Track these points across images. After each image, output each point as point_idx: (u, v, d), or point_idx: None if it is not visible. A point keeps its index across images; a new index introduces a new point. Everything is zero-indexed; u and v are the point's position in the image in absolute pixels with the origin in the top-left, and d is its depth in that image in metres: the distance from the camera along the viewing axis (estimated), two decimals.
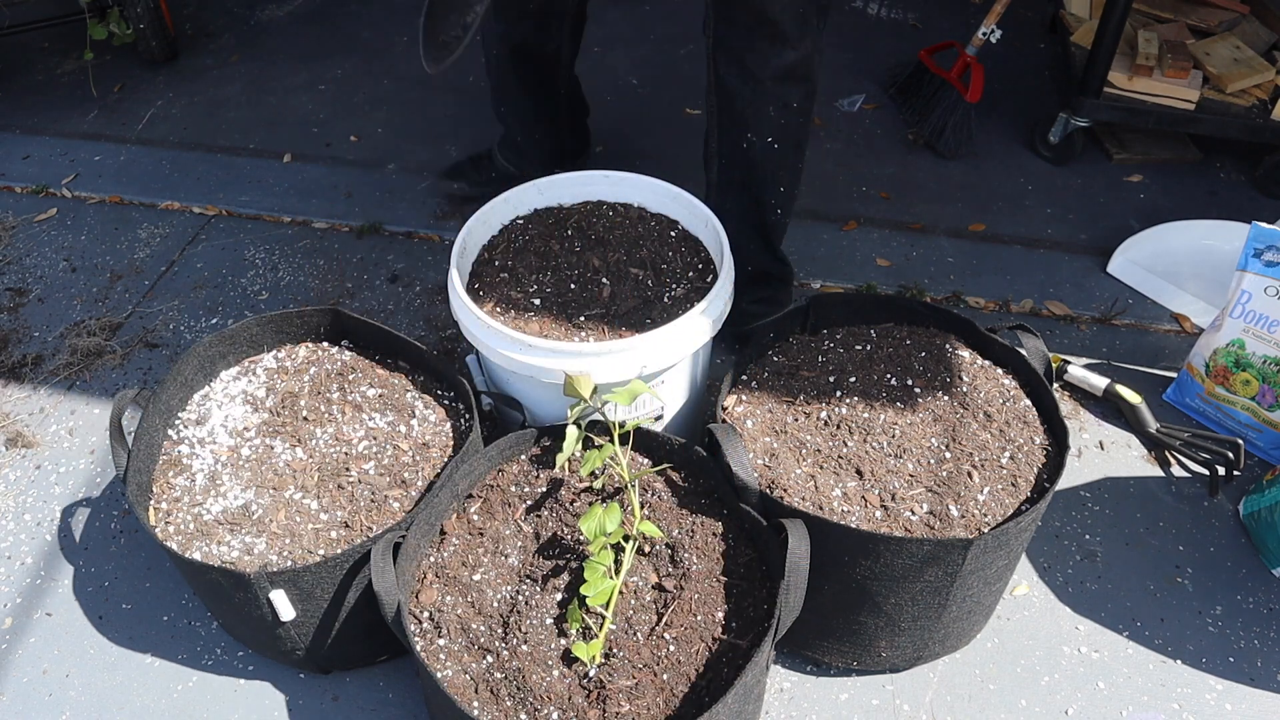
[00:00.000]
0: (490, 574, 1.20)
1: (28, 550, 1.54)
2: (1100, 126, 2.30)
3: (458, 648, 1.14)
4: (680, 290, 1.44)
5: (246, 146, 2.39)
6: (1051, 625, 1.41)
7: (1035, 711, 1.31)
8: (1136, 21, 2.23)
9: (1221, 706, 1.31)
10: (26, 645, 1.42)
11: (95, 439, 1.70)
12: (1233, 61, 2.11)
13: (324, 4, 2.98)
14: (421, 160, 2.32)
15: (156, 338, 1.89)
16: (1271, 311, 1.50)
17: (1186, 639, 1.39)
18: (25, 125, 2.49)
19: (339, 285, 1.99)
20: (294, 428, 1.38)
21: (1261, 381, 1.55)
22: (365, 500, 1.29)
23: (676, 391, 1.42)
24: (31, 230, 2.17)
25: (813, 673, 1.36)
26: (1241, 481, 1.58)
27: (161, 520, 1.29)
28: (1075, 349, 1.82)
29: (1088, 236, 2.06)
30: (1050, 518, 1.54)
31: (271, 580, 1.17)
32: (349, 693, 1.35)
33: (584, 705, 1.08)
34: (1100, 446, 1.64)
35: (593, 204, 1.59)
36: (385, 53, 2.73)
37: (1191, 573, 1.47)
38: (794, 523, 1.12)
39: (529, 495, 1.27)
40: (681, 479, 1.28)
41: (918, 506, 1.21)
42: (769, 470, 1.25)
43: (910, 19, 2.79)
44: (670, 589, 1.16)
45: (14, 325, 1.93)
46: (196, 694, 1.36)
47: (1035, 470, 1.24)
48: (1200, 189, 2.19)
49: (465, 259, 1.47)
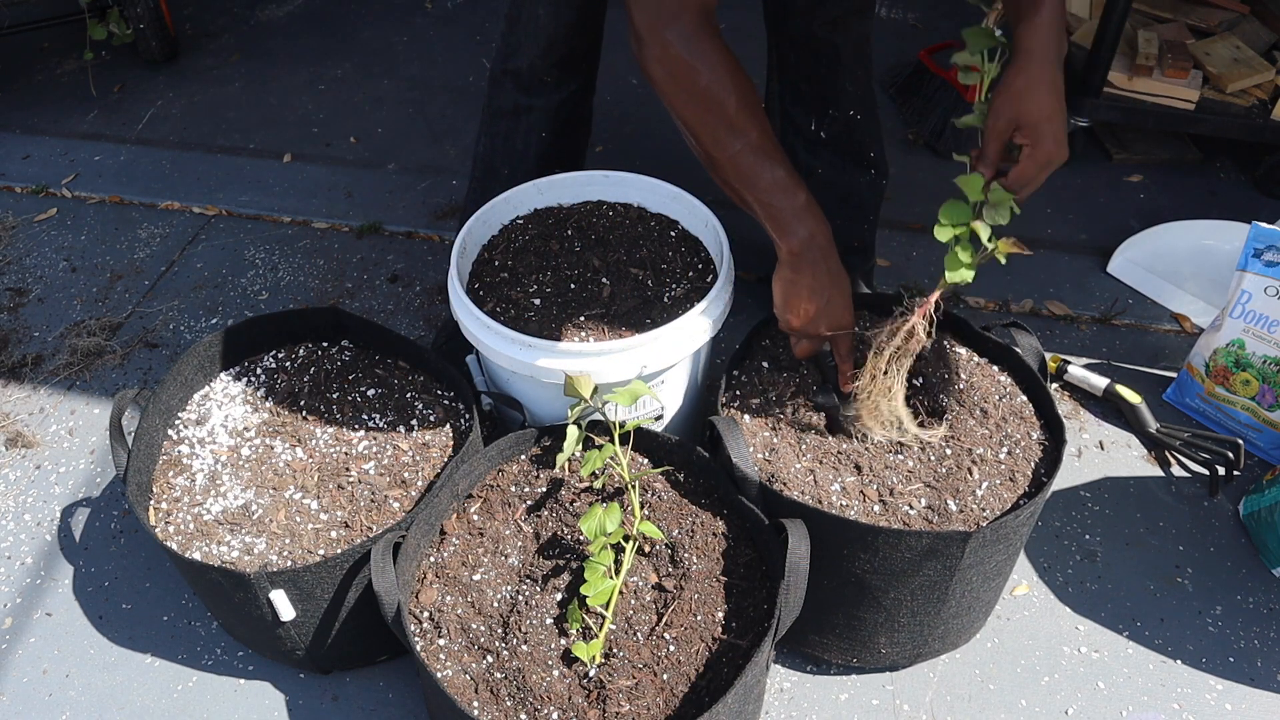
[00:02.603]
0: (490, 574, 1.20)
1: (28, 550, 1.54)
2: (1100, 126, 2.30)
3: (458, 648, 1.14)
4: (680, 290, 1.44)
5: (246, 146, 2.39)
6: (1051, 625, 1.41)
7: (1035, 711, 1.31)
8: (1136, 21, 2.23)
9: (1221, 706, 1.31)
10: (26, 645, 1.42)
11: (95, 439, 1.70)
12: (1233, 61, 2.11)
13: (324, 4, 2.98)
14: (421, 160, 2.32)
15: (156, 338, 1.89)
16: (1271, 311, 1.50)
17: (1186, 639, 1.39)
18: (25, 125, 2.49)
19: (339, 285, 1.99)
20: (294, 428, 1.38)
21: (1261, 381, 1.55)
22: (365, 500, 1.29)
23: (676, 391, 1.42)
24: (31, 230, 2.17)
25: (813, 672, 1.36)
26: (1241, 481, 1.58)
27: (161, 520, 1.29)
28: (1075, 349, 1.82)
29: (1088, 236, 2.06)
30: (1050, 517, 1.54)
31: (271, 580, 1.17)
32: (349, 693, 1.35)
33: (584, 705, 1.08)
34: (1100, 446, 1.64)
35: (593, 204, 1.59)
36: (385, 53, 2.73)
37: (1191, 573, 1.47)
38: (794, 523, 1.12)
39: (529, 495, 1.27)
40: (681, 479, 1.28)
41: (916, 501, 1.21)
42: (768, 465, 1.25)
43: (910, 19, 2.79)
44: (670, 589, 1.17)
45: (14, 325, 1.93)
46: (196, 694, 1.36)
47: (1033, 465, 1.24)
48: (1200, 189, 2.19)
49: (465, 259, 1.47)
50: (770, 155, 1.14)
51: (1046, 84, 1.08)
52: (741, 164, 1.14)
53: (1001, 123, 1.10)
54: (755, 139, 1.13)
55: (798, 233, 1.17)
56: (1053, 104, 1.08)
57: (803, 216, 1.16)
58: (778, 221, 1.17)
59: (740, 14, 2.90)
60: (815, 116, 1.63)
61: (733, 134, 1.12)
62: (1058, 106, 1.08)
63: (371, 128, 2.44)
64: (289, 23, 2.89)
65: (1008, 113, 1.09)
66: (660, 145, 2.32)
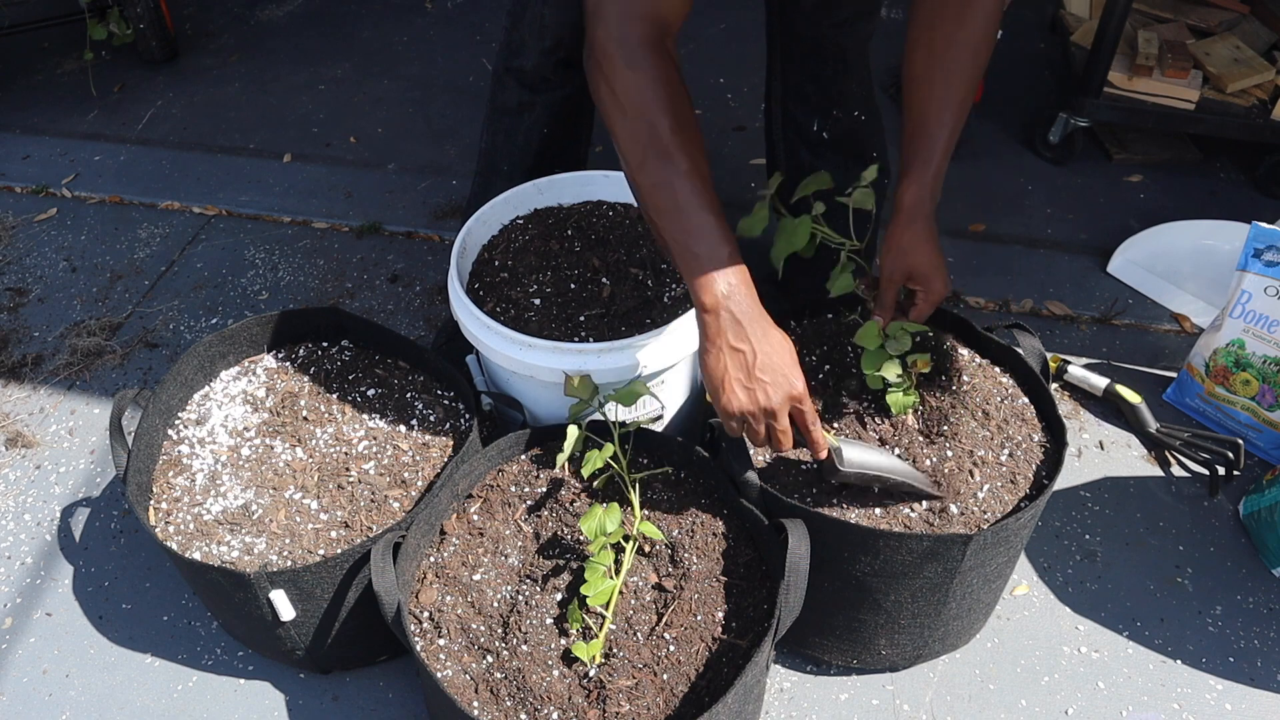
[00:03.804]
0: (490, 574, 1.20)
1: (28, 550, 1.54)
2: (1100, 126, 2.30)
3: (458, 648, 1.14)
4: (680, 290, 1.44)
5: (246, 146, 2.39)
6: (1051, 625, 1.41)
7: (1035, 711, 1.31)
8: (1136, 21, 2.23)
9: (1221, 706, 1.31)
10: (26, 645, 1.42)
11: (95, 439, 1.70)
12: (1233, 61, 2.11)
13: (324, 4, 2.98)
14: (421, 160, 2.32)
15: (156, 338, 1.89)
16: (1271, 311, 1.50)
17: (1186, 639, 1.39)
18: (25, 125, 2.49)
19: (339, 285, 1.99)
20: (294, 428, 1.38)
21: (1261, 381, 1.55)
22: (365, 500, 1.29)
23: (676, 391, 1.42)
24: (31, 230, 2.17)
25: (813, 672, 1.36)
26: (1241, 481, 1.58)
27: (161, 520, 1.29)
28: (1075, 349, 1.82)
29: (1088, 236, 2.06)
30: (1050, 517, 1.54)
31: (271, 580, 1.17)
32: (349, 693, 1.35)
33: (584, 705, 1.08)
34: (1100, 446, 1.64)
35: (593, 204, 1.59)
36: (385, 53, 2.73)
37: (1191, 573, 1.47)
38: (794, 522, 1.12)
39: (529, 495, 1.27)
40: (681, 479, 1.28)
41: (916, 504, 1.21)
42: (769, 466, 1.25)
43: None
44: (670, 589, 1.17)
45: (14, 325, 1.93)
46: (196, 694, 1.36)
47: (1034, 467, 1.24)
48: (1200, 189, 2.19)
49: (465, 259, 1.47)
50: (700, 193, 1.02)
51: (927, 238, 1.20)
52: (663, 197, 1.02)
53: (896, 276, 1.22)
54: (685, 170, 1.02)
55: (712, 288, 1.02)
56: (936, 254, 1.21)
57: (724, 272, 1.02)
58: (692, 270, 1.03)
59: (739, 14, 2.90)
60: (819, 117, 1.63)
61: (661, 160, 1.02)
62: (940, 255, 1.21)
63: (371, 128, 2.44)
64: (289, 23, 2.89)
65: (900, 267, 1.21)
66: None
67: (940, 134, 1.18)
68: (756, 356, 1.03)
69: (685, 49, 2.66)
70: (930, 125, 1.18)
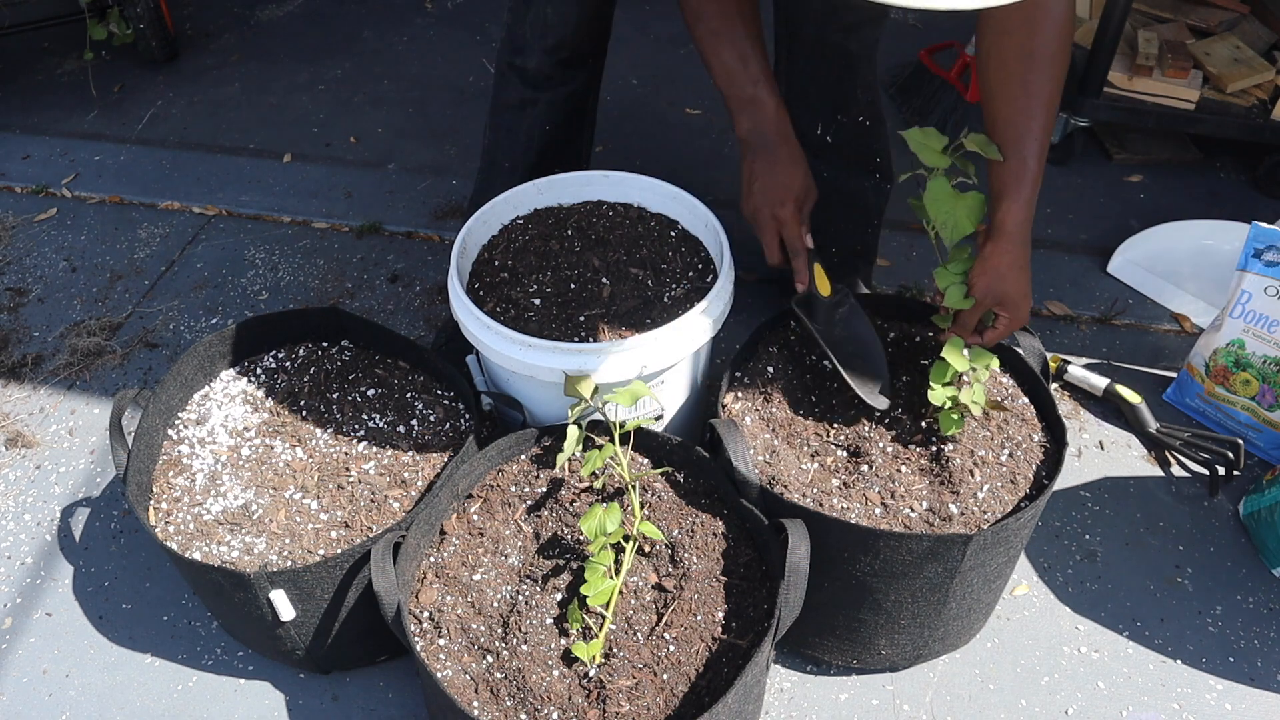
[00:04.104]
0: (490, 574, 1.20)
1: (28, 550, 1.54)
2: (1100, 126, 2.30)
3: (458, 648, 1.14)
4: (680, 290, 1.44)
5: (246, 146, 2.39)
6: (1051, 625, 1.41)
7: (1035, 711, 1.31)
8: (1136, 21, 2.23)
9: (1221, 706, 1.31)
10: (26, 645, 1.42)
11: (95, 439, 1.70)
12: (1233, 61, 2.11)
13: (324, 4, 2.98)
14: (421, 160, 2.32)
15: (156, 338, 1.89)
16: (1271, 311, 1.50)
17: (1186, 639, 1.39)
18: (25, 125, 2.49)
19: (339, 285, 1.99)
20: (294, 428, 1.38)
21: (1261, 381, 1.55)
22: (365, 500, 1.29)
23: (677, 391, 1.42)
24: (31, 230, 2.17)
25: (813, 672, 1.36)
26: (1241, 481, 1.58)
27: (161, 520, 1.29)
28: (1075, 349, 1.82)
29: (1088, 236, 2.06)
30: (1050, 517, 1.54)
31: (271, 580, 1.17)
32: (349, 693, 1.35)
33: (584, 705, 1.08)
34: (1100, 446, 1.64)
35: (593, 204, 1.59)
36: (385, 53, 2.73)
37: (1191, 573, 1.47)
38: (794, 522, 1.12)
39: (529, 495, 1.27)
40: (682, 479, 1.28)
41: (917, 504, 1.21)
42: (769, 467, 1.25)
43: (910, 19, 2.79)
44: (670, 589, 1.17)
45: (14, 325, 1.93)
46: (196, 694, 1.36)
47: (1034, 467, 1.24)
48: (1200, 189, 2.19)
49: (465, 259, 1.47)
50: (725, 41, 1.24)
51: (1021, 266, 1.21)
52: (701, 49, 1.27)
53: (988, 300, 1.23)
54: (713, 24, 1.23)
55: (742, 121, 1.30)
56: (1027, 283, 1.23)
57: (747, 108, 1.28)
58: (729, 107, 1.31)
59: None
60: (822, 121, 1.61)
61: (694, 17, 1.25)
62: (1029, 285, 1.23)
63: (371, 128, 2.44)
64: (289, 23, 2.89)
65: (994, 292, 1.22)
66: (660, 145, 2.32)
67: (1031, 150, 1.16)
68: (758, 177, 1.32)
69: (689, 49, 2.66)
70: (1021, 143, 1.16)
